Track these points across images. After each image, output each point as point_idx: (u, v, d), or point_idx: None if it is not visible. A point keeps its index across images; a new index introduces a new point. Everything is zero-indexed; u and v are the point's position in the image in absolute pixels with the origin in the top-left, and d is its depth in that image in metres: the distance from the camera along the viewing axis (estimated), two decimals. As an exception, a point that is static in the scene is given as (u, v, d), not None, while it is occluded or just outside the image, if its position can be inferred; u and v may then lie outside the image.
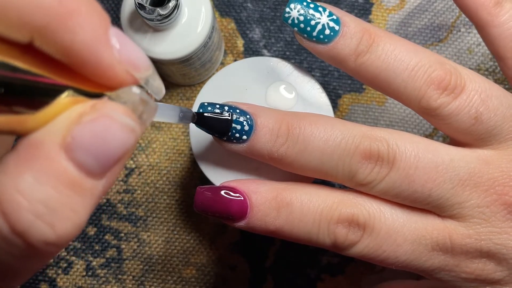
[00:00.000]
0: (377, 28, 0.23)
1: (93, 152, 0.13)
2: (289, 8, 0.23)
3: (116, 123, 0.14)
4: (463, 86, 0.21)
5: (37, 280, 0.35)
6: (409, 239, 0.22)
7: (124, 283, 0.35)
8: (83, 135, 0.13)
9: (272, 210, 0.22)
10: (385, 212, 0.22)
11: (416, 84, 0.22)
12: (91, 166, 0.13)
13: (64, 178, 0.13)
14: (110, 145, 0.14)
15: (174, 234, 0.35)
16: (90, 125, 0.13)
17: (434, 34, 0.36)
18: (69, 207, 0.13)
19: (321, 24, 0.22)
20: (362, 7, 0.36)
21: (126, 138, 0.14)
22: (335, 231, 0.22)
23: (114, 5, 0.37)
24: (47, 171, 0.13)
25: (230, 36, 0.36)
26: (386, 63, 0.22)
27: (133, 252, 0.35)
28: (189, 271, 0.35)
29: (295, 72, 0.27)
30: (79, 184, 0.13)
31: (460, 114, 0.21)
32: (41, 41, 0.13)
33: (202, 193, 0.23)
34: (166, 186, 0.35)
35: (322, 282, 0.34)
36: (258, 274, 0.34)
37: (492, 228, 0.21)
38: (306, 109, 0.26)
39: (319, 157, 0.22)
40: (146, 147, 0.35)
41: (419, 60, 0.22)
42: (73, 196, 0.13)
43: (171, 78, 0.35)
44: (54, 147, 0.13)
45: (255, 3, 0.36)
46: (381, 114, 0.35)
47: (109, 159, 0.14)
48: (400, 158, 0.21)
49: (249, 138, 0.22)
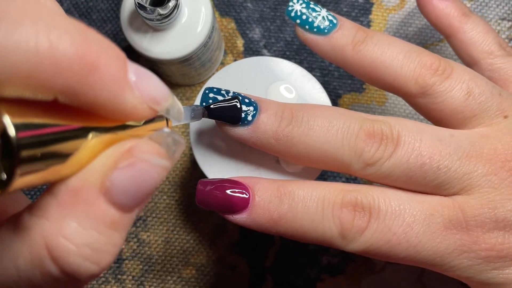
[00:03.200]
0: (368, 29, 0.25)
1: (130, 193, 0.14)
2: (292, 1, 0.25)
3: (152, 167, 0.15)
4: (453, 68, 0.23)
5: (36, 280, 0.35)
6: (419, 219, 0.21)
7: (124, 283, 0.35)
8: (121, 179, 0.14)
9: (275, 198, 0.22)
10: (389, 194, 0.22)
11: (411, 65, 0.23)
12: (128, 204, 0.15)
13: (106, 221, 0.14)
14: (146, 185, 0.15)
15: (174, 234, 0.35)
16: (127, 171, 0.14)
17: (434, 34, 0.36)
18: (111, 244, 0.15)
19: (321, 16, 0.25)
20: (362, 7, 0.36)
21: (160, 176, 0.15)
22: (340, 216, 0.21)
23: (114, 5, 0.37)
24: (89, 216, 0.14)
25: (230, 36, 0.36)
26: (381, 49, 0.24)
27: (133, 252, 0.35)
28: (189, 271, 0.35)
29: (295, 72, 0.27)
30: (119, 222, 0.15)
31: (454, 89, 0.23)
32: (65, 99, 0.13)
33: (204, 185, 0.23)
34: (166, 186, 0.35)
35: (322, 282, 0.34)
36: (258, 274, 0.34)
37: (503, 195, 0.21)
38: (306, 109, 0.26)
39: (324, 137, 0.22)
40: (146, 147, 0.35)
41: (411, 47, 0.24)
42: (114, 234, 0.15)
43: (171, 78, 0.35)
44: (94, 192, 0.14)
45: (255, 3, 0.36)
46: (381, 114, 0.35)
47: (144, 195, 0.15)
48: (404, 135, 0.22)
49: (254, 119, 0.23)
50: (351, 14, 0.36)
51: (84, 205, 0.14)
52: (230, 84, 0.27)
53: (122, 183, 0.14)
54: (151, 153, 0.15)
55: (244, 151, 0.26)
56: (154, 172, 0.15)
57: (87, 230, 0.14)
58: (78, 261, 0.14)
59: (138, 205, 0.15)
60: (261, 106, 0.23)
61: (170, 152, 0.15)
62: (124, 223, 0.15)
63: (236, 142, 0.25)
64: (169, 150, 0.15)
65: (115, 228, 0.15)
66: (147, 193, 0.15)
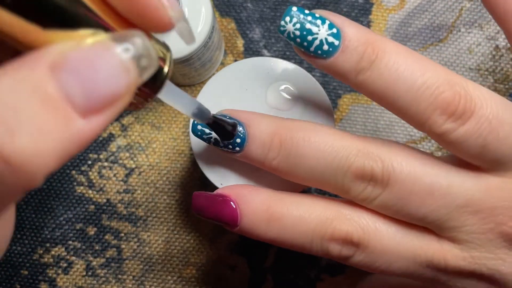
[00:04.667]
0: (382, 40, 0.20)
1: (80, 79, 0.12)
2: (284, 21, 0.20)
3: (109, 54, 0.13)
4: (472, 111, 0.19)
5: (37, 280, 0.35)
6: (404, 257, 0.22)
7: (124, 283, 0.35)
8: (75, 57, 0.13)
9: (262, 222, 0.22)
10: (381, 230, 0.22)
11: (420, 107, 0.20)
12: (74, 92, 0.12)
13: (41, 93, 0.12)
14: (99, 78, 0.13)
15: (174, 234, 0.35)
16: (85, 50, 0.13)
17: (434, 34, 0.36)
18: (38, 124, 0.12)
19: (319, 39, 0.20)
20: (362, 7, 0.36)
21: (117, 75, 0.13)
22: (328, 247, 0.22)
23: (114, 5, 0.37)
24: (26, 80, 0.12)
25: (230, 36, 0.36)
26: (388, 82, 0.20)
27: (133, 252, 0.35)
28: (189, 271, 0.35)
29: (295, 73, 0.27)
30: (56, 106, 0.12)
31: (466, 141, 0.20)
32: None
33: (197, 199, 0.23)
34: (166, 186, 0.35)
35: (322, 282, 0.34)
36: (258, 274, 0.34)
37: (487, 253, 0.21)
38: (306, 109, 0.26)
39: (311, 173, 0.22)
40: (146, 147, 0.35)
41: (426, 79, 0.20)
42: (45, 116, 0.12)
43: (171, 78, 0.35)
44: (43, 63, 0.12)
45: (255, 3, 0.36)
46: (381, 114, 0.35)
47: (95, 93, 0.13)
48: (394, 180, 0.20)
49: (242, 149, 0.23)
50: (351, 14, 0.36)
51: (27, 69, 0.12)
52: (230, 85, 0.27)
53: (74, 61, 0.12)
54: (114, 43, 0.13)
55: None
56: (111, 64, 0.13)
57: (17, 92, 0.12)
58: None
59: (88, 108, 0.13)
60: (249, 133, 0.22)
61: (139, 62, 0.14)
62: (64, 118, 0.12)
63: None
64: (136, 53, 0.14)
65: (49, 111, 0.12)
66: (100, 93, 0.13)
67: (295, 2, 0.36)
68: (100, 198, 0.35)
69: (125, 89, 0.13)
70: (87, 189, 0.35)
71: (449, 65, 0.35)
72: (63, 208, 0.35)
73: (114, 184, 0.35)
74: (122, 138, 0.35)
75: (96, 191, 0.35)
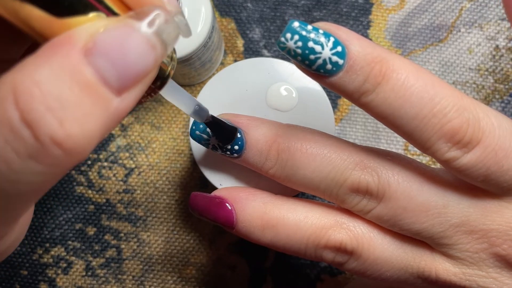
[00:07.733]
0: (391, 57, 0.19)
1: (112, 59, 0.13)
2: (284, 38, 0.18)
3: (136, 33, 0.14)
4: (479, 140, 0.19)
5: (36, 280, 0.35)
6: (396, 267, 0.22)
7: (124, 283, 0.35)
8: (104, 40, 0.13)
9: (257, 229, 0.22)
10: (375, 240, 0.22)
11: (424, 135, 0.19)
12: (109, 75, 0.13)
13: (79, 79, 0.13)
14: (130, 56, 0.13)
15: (174, 234, 0.35)
16: (112, 32, 0.13)
17: (434, 34, 0.36)
18: (81, 110, 0.13)
19: (322, 59, 0.18)
20: (362, 7, 0.36)
21: (145, 52, 0.14)
22: (322, 254, 0.22)
23: (113, 5, 0.37)
24: (63, 67, 0.13)
25: (230, 36, 0.36)
26: (393, 107, 0.19)
27: (133, 252, 0.35)
28: (189, 271, 0.35)
29: (295, 73, 0.27)
30: (94, 89, 0.13)
31: (469, 169, 0.19)
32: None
33: (194, 199, 0.24)
34: (166, 186, 0.35)
35: (322, 282, 0.34)
36: (257, 274, 0.34)
37: (479, 271, 0.21)
38: (306, 109, 0.26)
39: (307, 183, 0.22)
40: (146, 147, 0.35)
41: (434, 105, 0.18)
42: (86, 100, 0.13)
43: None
44: (75, 48, 0.13)
45: (255, 3, 0.36)
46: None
47: (127, 72, 0.14)
48: (389, 196, 0.20)
49: (240, 155, 0.23)
50: (351, 14, 0.36)
51: (62, 57, 0.13)
52: (230, 85, 0.27)
53: (105, 44, 0.13)
54: (138, 22, 0.14)
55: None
56: (139, 42, 0.14)
57: (57, 81, 0.13)
58: (40, 109, 0.12)
59: (122, 85, 0.14)
60: (247, 140, 0.23)
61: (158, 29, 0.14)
62: (102, 98, 0.13)
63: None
64: (158, 28, 0.14)
65: (90, 95, 0.13)
66: (132, 71, 0.14)
67: (295, 2, 0.36)
68: (100, 198, 0.35)
69: (153, 64, 0.14)
70: (87, 189, 0.35)
71: (449, 65, 0.35)
72: (63, 208, 0.35)
73: (114, 184, 0.35)
74: (121, 138, 0.35)
75: (95, 191, 0.35)
